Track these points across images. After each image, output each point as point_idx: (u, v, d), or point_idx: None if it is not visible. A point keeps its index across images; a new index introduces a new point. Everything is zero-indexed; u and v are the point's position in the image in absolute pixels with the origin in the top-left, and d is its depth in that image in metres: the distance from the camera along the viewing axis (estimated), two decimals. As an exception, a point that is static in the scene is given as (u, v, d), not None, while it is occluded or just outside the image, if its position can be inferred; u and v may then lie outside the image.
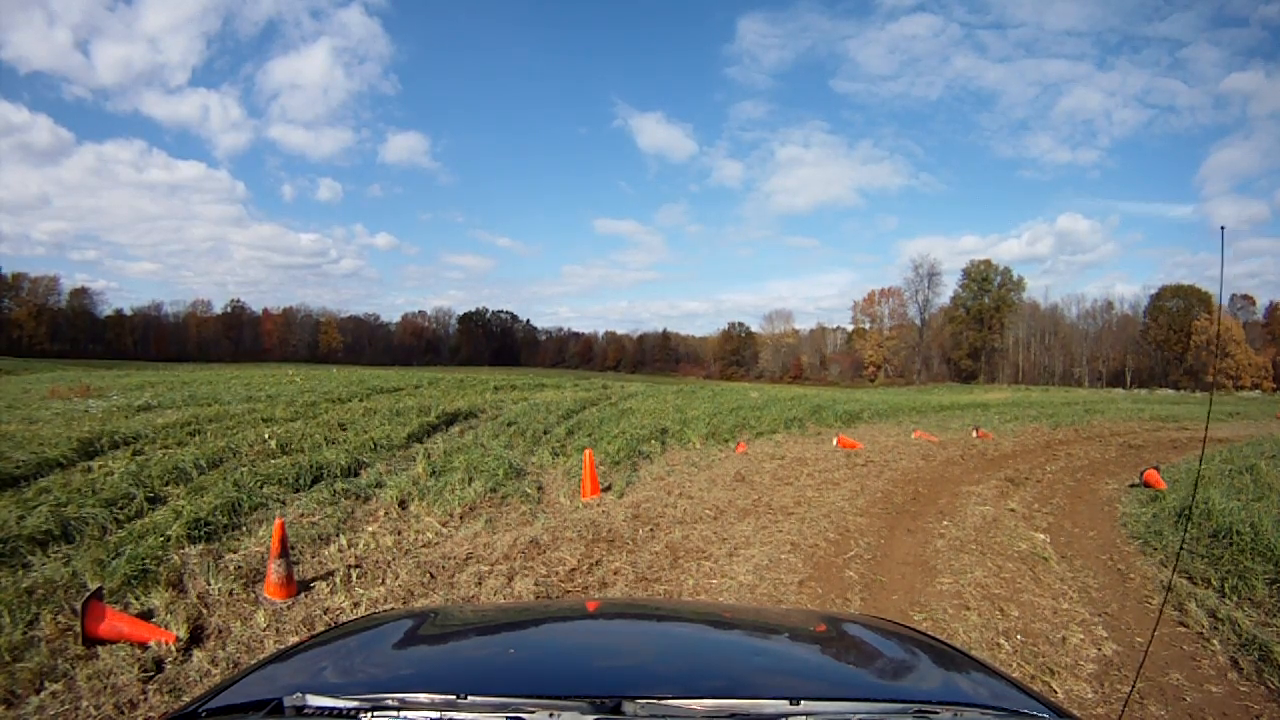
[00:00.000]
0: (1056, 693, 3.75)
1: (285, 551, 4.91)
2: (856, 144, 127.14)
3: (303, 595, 4.92)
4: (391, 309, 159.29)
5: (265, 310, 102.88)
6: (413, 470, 8.63)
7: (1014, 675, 1.99)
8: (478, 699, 1.12)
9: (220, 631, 4.32)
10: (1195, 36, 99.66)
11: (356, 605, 4.80)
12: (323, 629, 3.94)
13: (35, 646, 3.86)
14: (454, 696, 1.12)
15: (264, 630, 4.35)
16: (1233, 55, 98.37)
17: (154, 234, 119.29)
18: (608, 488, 8.67)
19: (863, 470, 10.14)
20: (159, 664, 3.81)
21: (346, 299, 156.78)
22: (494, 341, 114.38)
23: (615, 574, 5.55)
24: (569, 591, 5.20)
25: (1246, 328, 70.15)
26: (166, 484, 7.17)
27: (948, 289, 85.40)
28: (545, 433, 12.40)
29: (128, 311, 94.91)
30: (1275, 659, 3.99)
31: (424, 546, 6.12)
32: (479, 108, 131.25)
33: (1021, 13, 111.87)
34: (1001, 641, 4.38)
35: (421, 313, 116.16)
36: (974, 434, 14.72)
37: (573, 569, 5.60)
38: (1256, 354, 67.70)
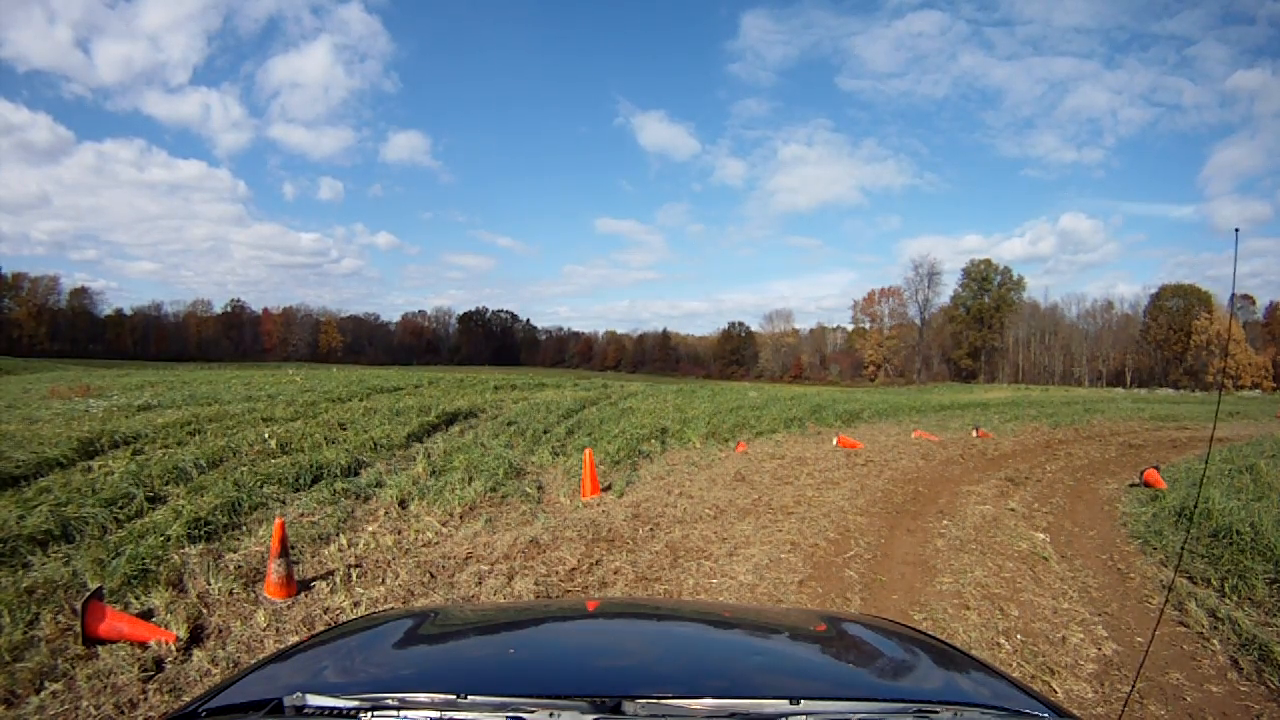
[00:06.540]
0: (1056, 692, 3.75)
1: (285, 551, 4.91)
2: (860, 142, 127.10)
3: (303, 595, 4.92)
4: (391, 308, 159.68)
5: (265, 310, 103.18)
6: (413, 470, 8.63)
7: (1014, 675, 1.99)
8: (478, 699, 1.12)
9: (220, 631, 4.32)
10: (1202, 34, 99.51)
11: (356, 605, 4.80)
12: (323, 629, 3.94)
13: (35, 646, 3.86)
14: (454, 696, 1.12)
15: (264, 630, 4.35)
16: (1239, 53, 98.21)
17: (154, 233, 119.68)
18: (608, 487, 8.67)
19: (863, 470, 10.13)
20: (159, 664, 3.81)
21: (347, 298, 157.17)
22: (494, 341, 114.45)
23: (615, 574, 5.55)
24: (569, 591, 5.20)
25: (1246, 327, 70.07)
26: (166, 483, 7.17)
27: (948, 288, 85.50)
28: (545, 432, 12.41)
29: (128, 311, 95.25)
30: (1275, 659, 3.99)
31: (424, 546, 6.12)
32: (479, 107, 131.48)
33: (1030, 9, 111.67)
34: (1001, 641, 4.38)
35: (421, 312, 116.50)
36: (974, 433, 14.72)
37: (573, 569, 5.60)
38: (1256, 354, 67.68)
